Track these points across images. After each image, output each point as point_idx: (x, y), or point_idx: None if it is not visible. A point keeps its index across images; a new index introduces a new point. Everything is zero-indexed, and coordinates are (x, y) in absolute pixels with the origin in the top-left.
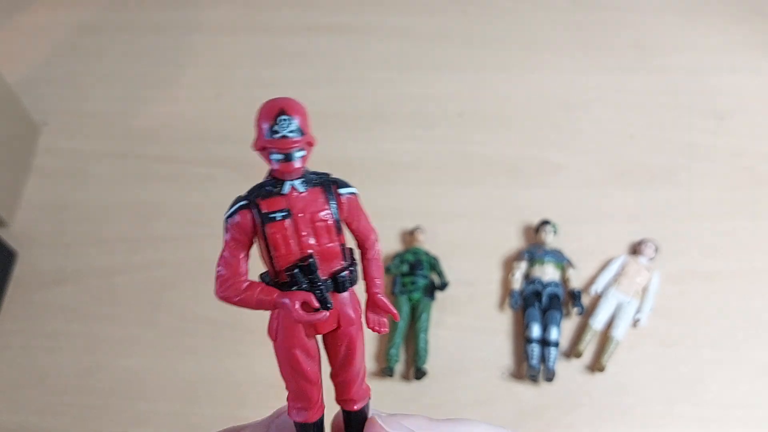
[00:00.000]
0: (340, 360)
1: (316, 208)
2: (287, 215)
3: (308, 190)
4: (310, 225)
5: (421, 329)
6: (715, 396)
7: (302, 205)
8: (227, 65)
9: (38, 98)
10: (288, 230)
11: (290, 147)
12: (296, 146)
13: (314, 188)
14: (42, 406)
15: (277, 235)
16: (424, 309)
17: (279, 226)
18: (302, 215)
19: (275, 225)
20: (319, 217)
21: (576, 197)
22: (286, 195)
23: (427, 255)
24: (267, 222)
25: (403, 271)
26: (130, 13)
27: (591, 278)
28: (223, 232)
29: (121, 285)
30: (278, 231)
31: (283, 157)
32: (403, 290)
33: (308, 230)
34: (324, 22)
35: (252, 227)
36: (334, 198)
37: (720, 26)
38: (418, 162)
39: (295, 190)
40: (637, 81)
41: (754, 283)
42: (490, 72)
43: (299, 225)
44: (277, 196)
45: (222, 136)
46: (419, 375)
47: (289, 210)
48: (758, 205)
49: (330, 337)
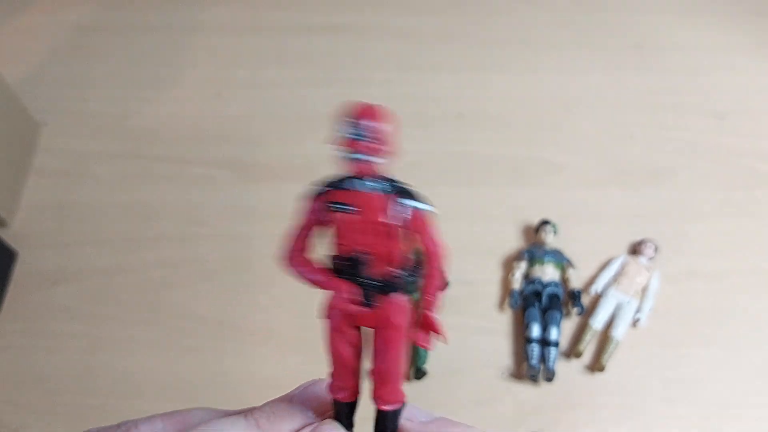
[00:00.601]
0: (375, 357)
1: (379, 211)
2: (351, 210)
3: (378, 193)
4: (370, 225)
5: None
6: (715, 396)
7: (367, 205)
8: (227, 65)
9: (38, 98)
10: (348, 224)
11: (363, 149)
12: (369, 149)
13: (384, 193)
14: (42, 405)
15: (338, 225)
16: None
17: (341, 218)
18: (365, 214)
19: (338, 216)
20: (379, 221)
21: (576, 197)
22: (355, 192)
23: None
24: (332, 211)
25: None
26: (129, 13)
27: (591, 278)
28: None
29: (121, 285)
30: (339, 222)
31: (356, 157)
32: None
33: (367, 229)
34: (323, 23)
35: (318, 213)
36: (400, 207)
37: (720, 26)
38: (418, 162)
39: (365, 190)
40: (637, 81)
41: (755, 282)
42: (490, 72)
43: (359, 222)
44: (348, 191)
45: (221, 136)
46: (419, 375)
47: (355, 206)
48: (758, 204)
49: (374, 333)
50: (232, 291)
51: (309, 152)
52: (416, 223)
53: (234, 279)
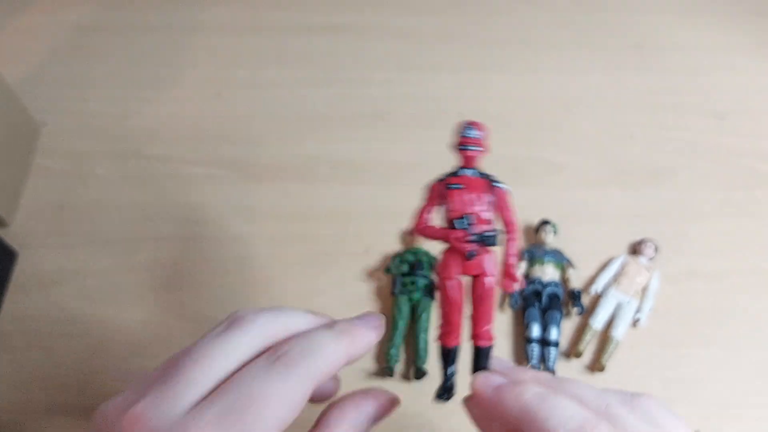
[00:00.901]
0: (476, 299)
1: (479, 188)
2: (461, 188)
3: (477, 177)
4: (474, 197)
5: (421, 329)
6: (715, 396)
7: (471, 185)
8: (227, 65)
9: (38, 98)
10: (459, 196)
11: (469, 143)
12: (472, 144)
13: (481, 178)
14: (42, 406)
15: (453, 197)
16: (424, 309)
17: (454, 192)
18: (470, 190)
19: (452, 191)
20: (479, 194)
21: (576, 197)
22: (463, 177)
23: (427, 255)
24: (448, 189)
25: (403, 271)
26: (129, 13)
27: (591, 278)
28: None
29: (121, 285)
30: (454, 195)
31: (464, 150)
32: (403, 290)
33: (471, 199)
34: (324, 23)
35: (439, 192)
36: (491, 187)
37: (720, 26)
38: (418, 162)
39: (469, 175)
40: (637, 81)
41: (755, 282)
42: (490, 72)
43: (466, 195)
44: (459, 176)
45: (222, 136)
46: (419, 375)
47: (463, 185)
48: (759, 204)
49: (473, 282)
50: (233, 291)
51: (309, 152)
52: (500, 199)
53: (234, 279)
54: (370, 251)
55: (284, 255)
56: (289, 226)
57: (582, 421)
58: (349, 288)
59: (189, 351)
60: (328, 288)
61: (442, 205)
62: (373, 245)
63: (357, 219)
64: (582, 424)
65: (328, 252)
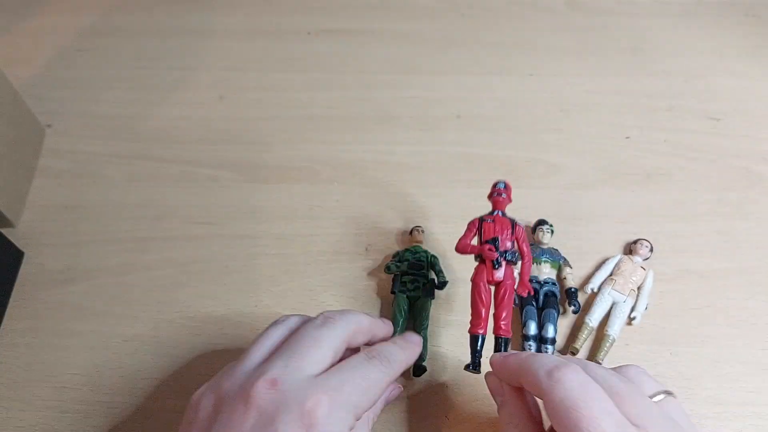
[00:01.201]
0: (498, 300)
1: (504, 224)
2: (491, 222)
3: (504, 217)
4: (500, 229)
5: (421, 327)
6: (711, 394)
7: (499, 221)
8: (234, 69)
9: (46, 100)
10: (490, 227)
11: (498, 192)
12: (501, 193)
13: (506, 218)
14: (49, 403)
15: (486, 227)
16: (424, 307)
17: (487, 224)
18: (498, 225)
19: (486, 224)
20: (504, 228)
21: (573, 197)
22: (494, 215)
23: (426, 254)
24: (482, 222)
25: (403, 269)
26: (136, 17)
27: (587, 277)
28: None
29: (128, 284)
30: (487, 226)
31: (496, 197)
32: (402, 289)
33: (498, 229)
34: (328, 27)
35: (476, 227)
36: (513, 224)
37: (715, 30)
38: (419, 163)
39: (498, 215)
40: (634, 84)
41: (748, 281)
42: (489, 75)
43: (496, 227)
44: (492, 215)
45: (228, 138)
46: (418, 372)
47: (493, 221)
48: (753, 205)
49: (496, 289)
50: (238, 290)
51: (313, 154)
52: (518, 233)
53: (240, 278)
54: (370, 250)
55: (289, 254)
56: (293, 226)
57: (556, 362)
58: (351, 286)
59: (299, 337)
60: (331, 286)
61: (477, 234)
62: (374, 244)
63: (359, 219)
64: (556, 364)
65: (331, 251)
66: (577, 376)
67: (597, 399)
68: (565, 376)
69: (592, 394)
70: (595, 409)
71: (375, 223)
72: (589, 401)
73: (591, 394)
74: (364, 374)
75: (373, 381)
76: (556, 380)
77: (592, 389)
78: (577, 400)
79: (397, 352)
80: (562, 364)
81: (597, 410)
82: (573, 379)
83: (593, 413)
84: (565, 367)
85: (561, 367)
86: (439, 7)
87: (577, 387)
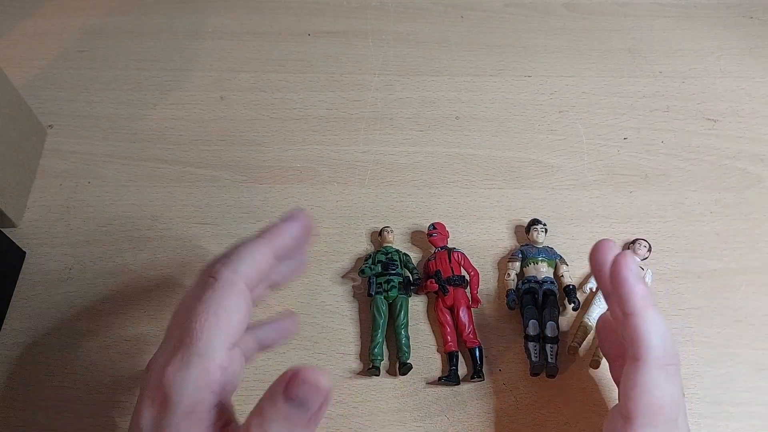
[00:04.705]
0: (457, 318)
1: (443, 256)
2: (434, 259)
3: (444, 250)
4: (440, 261)
5: (401, 326)
6: (709, 393)
7: (439, 255)
8: (231, 69)
9: (46, 101)
10: (433, 264)
11: (430, 233)
12: (431, 233)
13: (445, 251)
14: (50, 403)
15: (430, 265)
16: (402, 306)
17: (431, 263)
18: (438, 258)
19: (431, 262)
20: (443, 259)
21: (571, 198)
22: (435, 253)
23: (398, 253)
24: (428, 261)
25: (377, 271)
26: (135, 18)
27: (585, 277)
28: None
29: (127, 284)
30: (431, 264)
31: (431, 237)
32: (378, 290)
33: (440, 262)
34: (325, 28)
35: (427, 263)
36: (450, 253)
37: (712, 31)
38: (416, 164)
39: (439, 251)
40: (631, 85)
41: (745, 281)
42: (487, 76)
43: (437, 262)
44: (433, 253)
45: (226, 139)
46: (404, 370)
47: (434, 256)
48: (750, 205)
49: (454, 309)
50: None
51: (310, 155)
52: (455, 258)
53: None
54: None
55: None
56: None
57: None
58: (350, 286)
59: (195, 315)
60: (330, 286)
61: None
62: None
63: (356, 219)
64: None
65: (329, 251)
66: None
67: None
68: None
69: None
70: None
71: (375, 223)
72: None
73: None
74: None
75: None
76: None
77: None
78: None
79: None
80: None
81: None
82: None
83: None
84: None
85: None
86: (438, 9)
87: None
